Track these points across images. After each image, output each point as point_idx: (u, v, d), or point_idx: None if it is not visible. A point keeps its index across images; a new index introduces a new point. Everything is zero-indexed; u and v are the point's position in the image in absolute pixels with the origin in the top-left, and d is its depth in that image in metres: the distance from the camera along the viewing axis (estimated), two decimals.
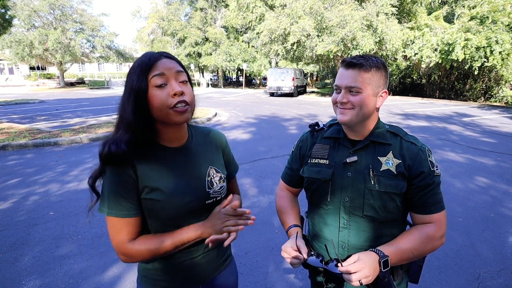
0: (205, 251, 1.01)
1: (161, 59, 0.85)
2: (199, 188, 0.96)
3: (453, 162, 5.37)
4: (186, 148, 0.98)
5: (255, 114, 11.33)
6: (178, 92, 0.83)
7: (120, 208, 0.86)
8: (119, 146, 0.83)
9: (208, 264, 1.03)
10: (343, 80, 0.99)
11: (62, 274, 2.39)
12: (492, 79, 17.46)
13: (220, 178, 1.01)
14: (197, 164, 0.99)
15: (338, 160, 1.05)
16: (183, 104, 0.85)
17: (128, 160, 0.86)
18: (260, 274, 2.41)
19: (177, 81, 0.86)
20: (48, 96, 18.41)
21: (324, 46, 16.16)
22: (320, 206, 1.10)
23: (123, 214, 0.86)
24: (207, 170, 0.99)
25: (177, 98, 0.84)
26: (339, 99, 1.00)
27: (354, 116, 0.99)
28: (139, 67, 0.84)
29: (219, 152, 1.08)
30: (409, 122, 9.74)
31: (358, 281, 0.85)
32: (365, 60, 0.97)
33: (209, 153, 1.04)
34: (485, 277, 2.38)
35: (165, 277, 0.99)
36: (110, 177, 0.86)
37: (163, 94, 0.83)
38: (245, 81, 31.65)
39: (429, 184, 0.98)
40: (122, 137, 0.85)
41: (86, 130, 7.68)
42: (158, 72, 0.83)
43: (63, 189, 4.04)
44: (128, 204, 0.87)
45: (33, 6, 23.05)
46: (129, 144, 0.85)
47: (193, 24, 30.56)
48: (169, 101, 0.83)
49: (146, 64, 0.84)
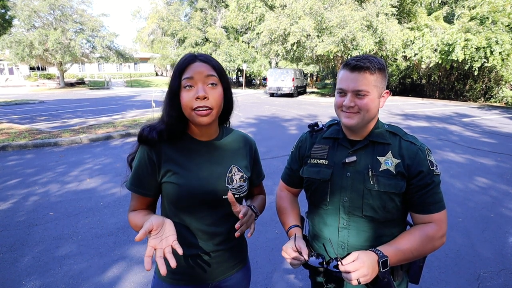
0: (214, 250, 1.02)
1: (195, 62, 0.92)
2: (218, 181, 1.00)
3: (453, 163, 5.37)
4: (213, 143, 1.04)
5: (255, 114, 11.33)
6: (200, 97, 0.89)
7: (137, 185, 0.99)
8: (151, 133, 0.96)
9: (219, 265, 1.04)
10: (349, 84, 0.97)
11: (62, 274, 2.39)
12: (492, 79, 17.47)
13: (241, 177, 1.04)
14: (221, 159, 1.04)
15: (337, 160, 1.05)
16: (204, 108, 0.90)
17: (156, 146, 0.97)
18: (260, 275, 2.41)
19: (205, 85, 0.91)
20: (48, 96, 18.41)
21: (324, 47, 16.17)
22: (319, 206, 1.10)
23: (136, 190, 1.00)
24: (229, 167, 1.03)
25: (199, 101, 0.90)
26: (346, 103, 0.98)
27: (360, 120, 0.98)
28: (176, 68, 0.93)
29: (246, 155, 1.10)
30: (409, 123, 9.74)
31: (357, 280, 0.85)
32: (370, 62, 0.96)
33: (236, 153, 1.08)
34: (485, 278, 2.38)
35: (177, 270, 1.01)
36: (138, 159, 0.99)
37: (189, 96, 0.90)
38: (245, 81, 31.66)
39: (428, 184, 0.97)
40: (157, 126, 0.97)
41: (86, 130, 7.68)
42: (188, 76, 0.91)
43: (63, 190, 4.04)
44: (143, 184, 0.99)
45: (33, 6, 23.02)
46: (160, 133, 0.96)
47: (193, 24, 30.60)
48: (192, 103, 0.90)
49: (180, 65, 0.93)
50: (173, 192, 0.96)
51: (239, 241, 1.10)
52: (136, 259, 2.60)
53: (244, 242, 1.16)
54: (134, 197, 1.02)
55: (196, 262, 1.01)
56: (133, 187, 1.00)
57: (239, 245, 1.11)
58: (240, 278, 1.12)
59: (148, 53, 39.09)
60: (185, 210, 0.98)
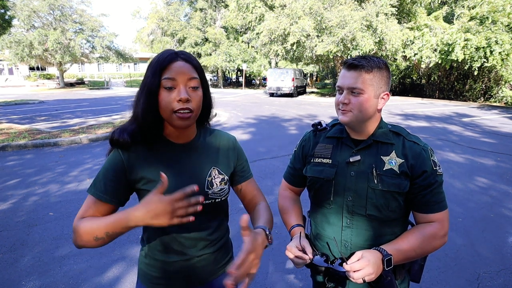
0: (199, 255, 0.99)
1: (177, 61, 0.87)
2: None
3: (453, 163, 5.37)
4: (191, 146, 0.99)
5: (255, 114, 11.33)
6: (183, 99, 0.84)
7: (98, 189, 0.89)
8: (122, 134, 0.88)
9: (205, 268, 1.02)
10: (344, 81, 1.00)
11: (62, 274, 2.39)
12: (492, 79, 17.48)
13: (222, 180, 1.00)
14: (200, 162, 0.99)
15: (341, 160, 1.06)
16: (186, 111, 0.85)
17: (129, 149, 0.90)
18: (260, 275, 2.41)
19: (187, 87, 0.86)
20: (48, 96, 18.39)
21: (323, 47, 16.17)
22: (323, 206, 1.10)
23: (97, 195, 0.89)
24: (209, 169, 0.99)
25: (181, 104, 0.85)
26: (340, 100, 1.01)
27: (354, 117, 1.00)
28: (156, 64, 0.86)
29: (226, 153, 1.06)
30: (409, 123, 9.74)
31: (362, 278, 0.85)
32: (366, 61, 0.98)
33: (215, 153, 1.03)
34: (485, 277, 2.38)
35: (161, 275, 0.98)
36: (108, 161, 0.91)
37: (170, 97, 0.85)
38: (245, 81, 31.63)
39: (431, 184, 0.98)
40: (128, 127, 0.91)
41: (86, 130, 7.68)
42: (169, 76, 0.85)
43: (63, 190, 4.04)
44: (107, 189, 0.89)
45: (32, 6, 23.01)
46: (132, 135, 0.89)
47: (192, 24, 30.56)
48: (173, 105, 0.85)
49: (161, 63, 0.86)
50: None
51: (225, 242, 1.08)
52: (136, 259, 2.60)
53: (230, 242, 1.13)
54: (91, 204, 0.88)
55: (181, 268, 0.98)
56: (97, 192, 0.88)
57: (225, 246, 1.08)
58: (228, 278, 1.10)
59: (148, 53, 39.05)
60: None
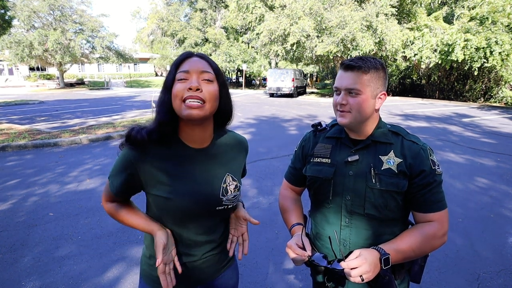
0: (204, 256, 1.01)
1: (191, 57, 0.90)
2: (212, 193, 0.95)
3: (453, 163, 5.37)
4: (207, 151, 0.97)
5: (255, 114, 11.34)
6: (193, 87, 0.84)
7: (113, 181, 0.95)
8: (141, 132, 0.89)
9: (208, 268, 1.04)
10: (342, 82, 1.00)
11: (61, 275, 2.39)
12: (492, 79, 17.49)
13: (235, 186, 1.00)
14: (215, 169, 0.98)
15: (339, 159, 1.06)
16: (195, 99, 0.84)
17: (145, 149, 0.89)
18: (260, 275, 2.41)
19: (200, 79, 0.87)
20: (48, 96, 18.40)
21: (323, 47, 16.18)
22: (322, 205, 1.11)
23: (111, 186, 0.96)
24: (224, 176, 0.99)
25: (191, 92, 0.84)
26: (338, 101, 1.01)
27: (352, 119, 1.00)
28: (173, 64, 0.91)
29: (239, 158, 1.06)
30: (409, 123, 9.75)
31: (359, 277, 0.85)
32: (363, 62, 0.98)
33: (230, 159, 1.03)
34: (484, 278, 2.38)
35: None
36: (122, 155, 0.92)
37: (181, 86, 0.86)
38: (245, 81, 31.62)
39: (430, 183, 0.98)
40: (149, 125, 0.91)
41: (86, 131, 7.68)
42: (183, 69, 0.87)
43: (63, 190, 4.04)
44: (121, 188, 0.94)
45: (32, 6, 23.00)
46: (150, 133, 0.89)
47: (192, 24, 30.60)
48: (182, 93, 0.85)
49: (177, 61, 0.90)
50: (163, 207, 0.92)
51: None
52: (136, 259, 2.60)
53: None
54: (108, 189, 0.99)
55: (186, 269, 0.99)
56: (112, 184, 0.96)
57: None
58: (229, 276, 1.12)
59: (148, 54, 39.09)
60: (175, 221, 0.95)
